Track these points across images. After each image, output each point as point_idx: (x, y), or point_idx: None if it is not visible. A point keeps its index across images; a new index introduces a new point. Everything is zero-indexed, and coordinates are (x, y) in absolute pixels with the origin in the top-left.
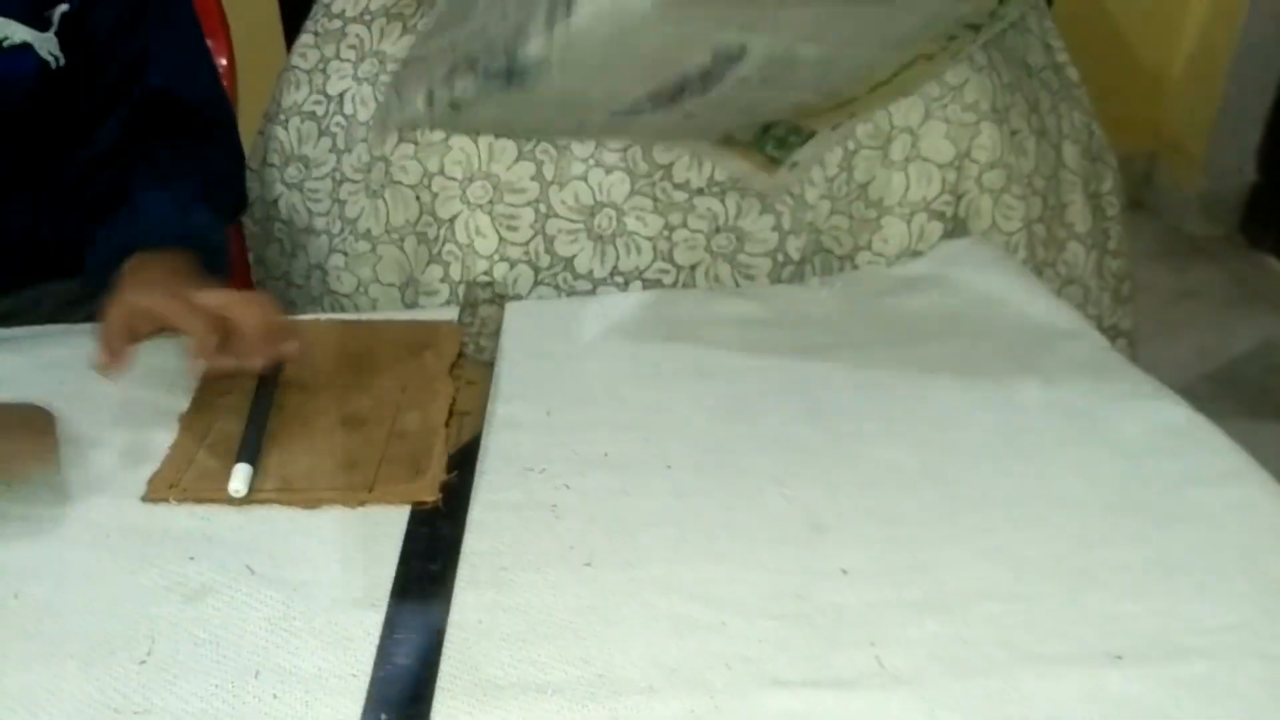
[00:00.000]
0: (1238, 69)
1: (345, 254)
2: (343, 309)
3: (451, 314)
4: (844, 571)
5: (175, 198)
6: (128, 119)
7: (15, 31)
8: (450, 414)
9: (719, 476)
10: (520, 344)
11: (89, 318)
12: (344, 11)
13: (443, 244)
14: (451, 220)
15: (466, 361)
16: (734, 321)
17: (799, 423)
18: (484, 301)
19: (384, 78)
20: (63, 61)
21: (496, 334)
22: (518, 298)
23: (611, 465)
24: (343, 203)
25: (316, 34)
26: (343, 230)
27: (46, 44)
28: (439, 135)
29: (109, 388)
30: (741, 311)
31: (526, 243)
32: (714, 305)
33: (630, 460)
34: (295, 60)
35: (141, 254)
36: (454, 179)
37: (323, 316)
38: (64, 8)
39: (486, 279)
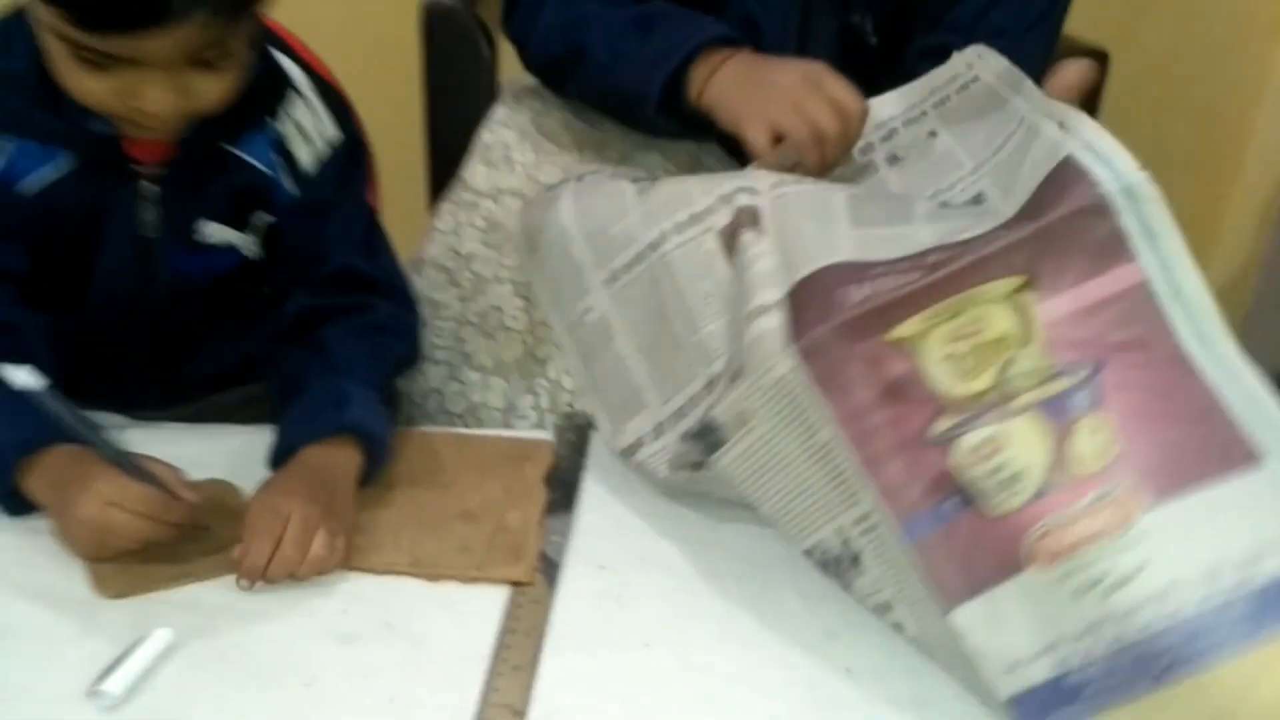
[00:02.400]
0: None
1: (460, 382)
2: (453, 426)
3: (546, 435)
4: (849, 671)
5: (344, 390)
6: (312, 294)
7: (225, 235)
8: (543, 514)
9: (754, 584)
10: (600, 463)
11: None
12: (479, 188)
13: (536, 378)
14: (545, 361)
15: (557, 473)
16: None
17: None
18: (571, 427)
19: (507, 248)
20: (261, 256)
21: (581, 453)
22: (581, 415)
23: (668, 568)
24: (462, 340)
25: (455, 203)
26: (459, 363)
27: (248, 244)
28: (545, 292)
29: None
30: None
31: None
32: None
33: (683, 565)
34: (436, 223)
35: (307, 448)
36: (551, 326)
37: (440, 430)
38: (267, 218)
39: (568, 408)
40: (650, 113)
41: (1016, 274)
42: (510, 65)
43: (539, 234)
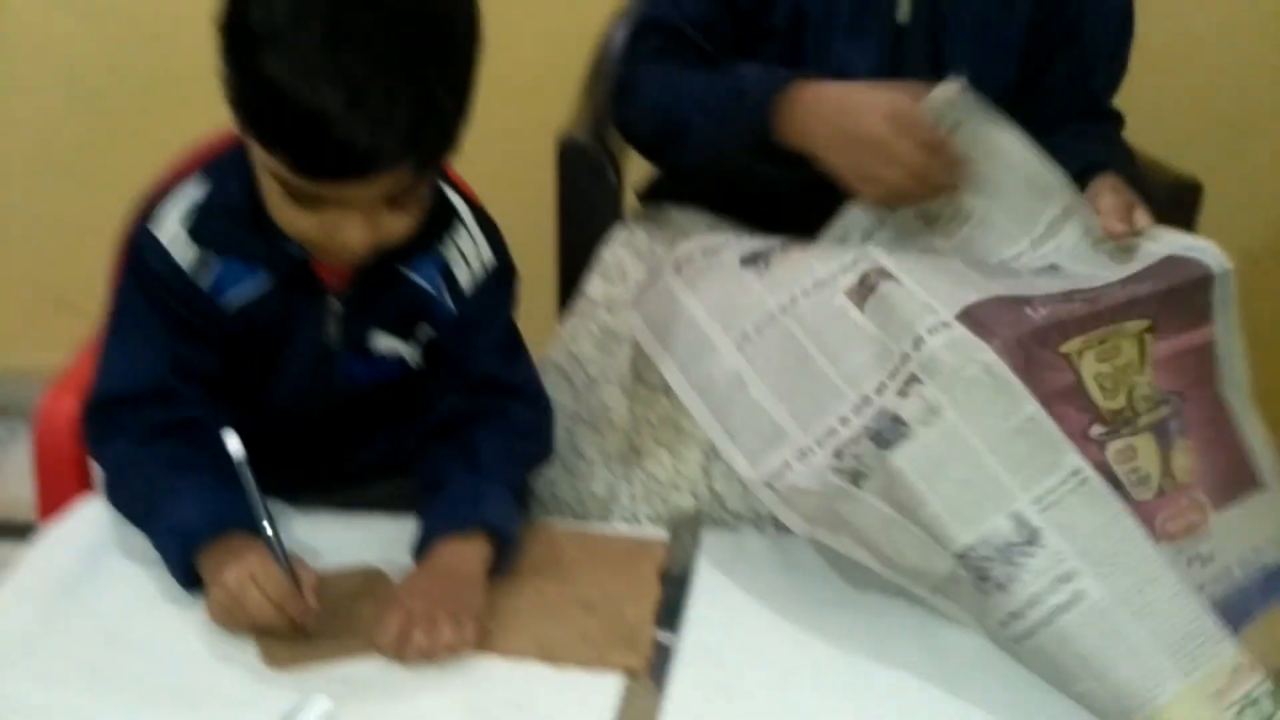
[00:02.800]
0: None
1: (571, 472)
2: (562, 512)
3: (661, 533)
4: None
5: (481, 488)
6: (460, 397)
7: (394, 346)
8: (657, 607)
9: (846, 686)
10: (711, 558)
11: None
12: (596, 299)
13: (634, 469)
14: (643, 454)
15: (670, 569)
16: None
17: (914, 655)
18: (683, 525)
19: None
20: (421, 365)
21: (692, 549)
22: (695, 519)
23: (776, 662)
24: (573, 434)
25: (575, 312)
26: (570, 455)
27: (413, 354)
28: (644, 390)
29: None
30: None
31: (692, 480)
32: None
33: (791, 658)
34: (560, 330)
35: (443, 541)
36: (651, 424)
37: (563, 524)
38: (429, 332)
39: (661, 503)
40: (759, 154)
41: (1146, 318)
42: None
43: (664, 321)
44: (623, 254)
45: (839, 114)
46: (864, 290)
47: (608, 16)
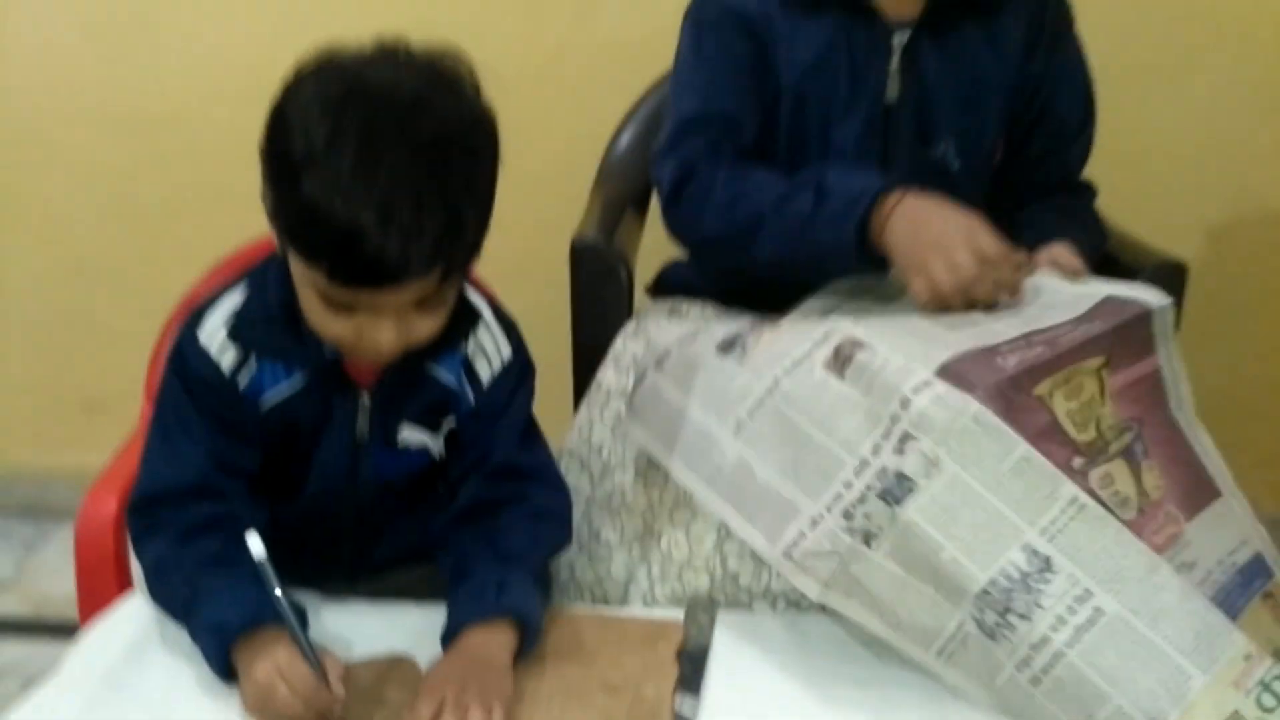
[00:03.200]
0: None
1: (590, 556)
2: (582, 594)
3: (676, 615)
4: None
5: (504, 576)
6: (481, 485)
7: (420, 438)
8: (675, 686)
9: None
10: (725, 640)
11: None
12: (609, 388)
13: (651, 550)
14: (659, 535)
15: (687, 646)
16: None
17: None
18: (700, 604)
19: (632, 436)
20: (443, 455)
21: (709, 630)
22: (711, 598)
23: None
24: (591, 519)
25: (589, 401)
26: (589, 539)
27: (436, 444)
28: (657, 474)
29: None
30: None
31: (707, 559)
32: None
33: None
34: (575, 419)
35: (470, 629)
36: (666, 506)
37: (584, 609)
38: (452, 424)
39: (678, 582)
40: (847, 256)
41: (1101, 354)
42: (642, 292)
43: (662, 424)
44: (635, 346)
45: (921, 221)
46: (841, 361)
47: (614, 122)
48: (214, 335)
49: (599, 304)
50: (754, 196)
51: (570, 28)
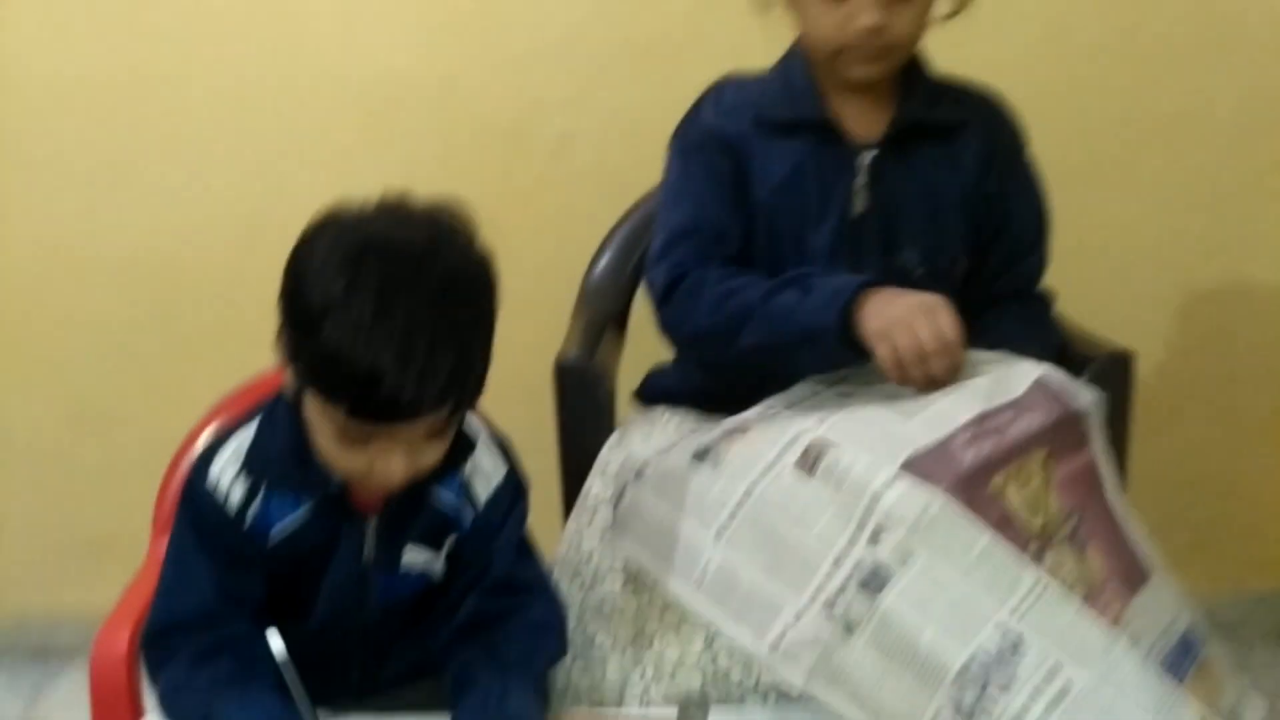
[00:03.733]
0: None
1: (585, 661)
2: (579, 698)
3: (672, 712)
4: None
5: (505, 686)
6: (480, 599)
7: (423, 559)
8: None
9: None
10: None
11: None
12: (597, 497)
13: (644, 652)
14: (651, 636)
15: None
16: None
17: None
18: (693, 702)
19: (618, 540)
20: (445, 574)
21: None
22: (704, 696)
23: None
24: (583, 624)
25: (578, 511)
26: (583, 644)
27: (438, 564)
28: (647, 579)
29: None
30: None
31: (698, 658)
32: None
33: None
34: (565, 529)
35: None
36: (656, 609)
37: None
38: (453, 539)
39: (672, 682)
40: (829, 340)
41: (1044, 447)
42: (624, 401)
43: (648, 538)
44: (619, 455)
45: (892, 298)
46: (811, 460)
47: (593, 248)
48: (224, 471)
49: (583, 419)
50: (743, 292)
51: (549, 161)
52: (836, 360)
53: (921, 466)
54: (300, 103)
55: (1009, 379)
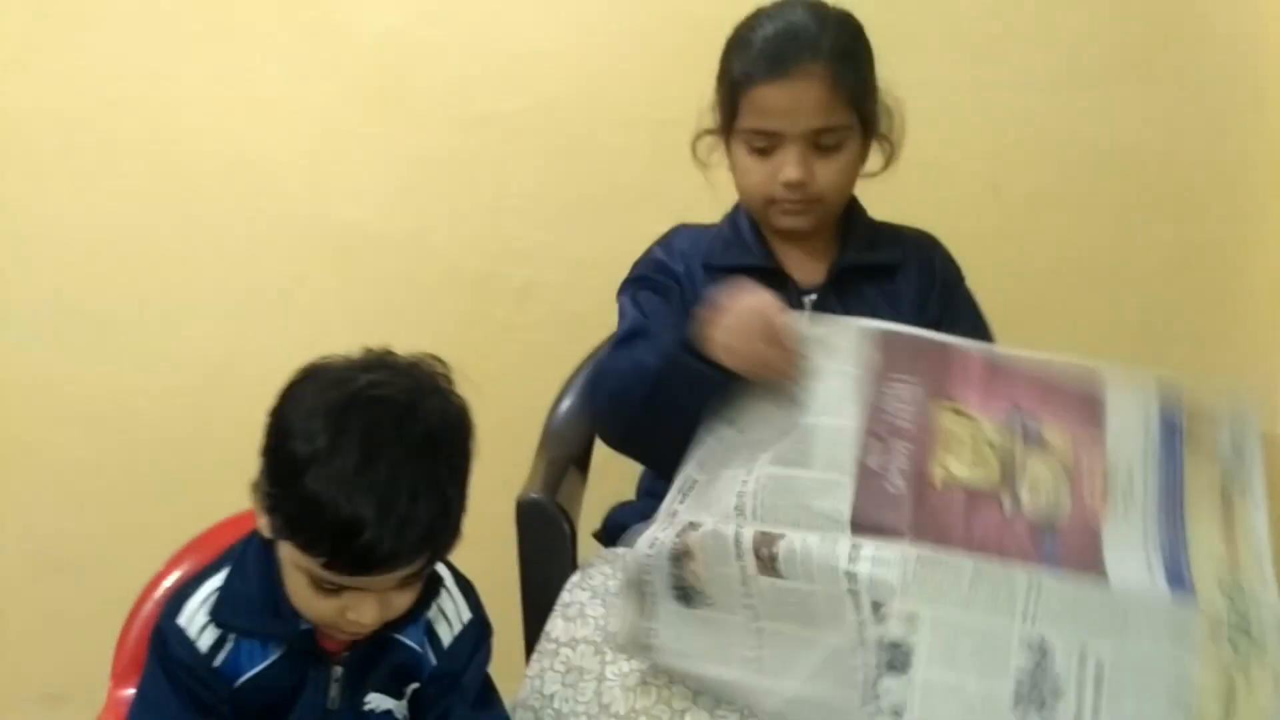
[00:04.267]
0: None
1: None
2: None
3: None
4: None
5: None
6: None
7: (386, 703)
8: None
9: None
10: None
11: None
12: (558, 639)
13: None
14: None
15: None
16: None
17: None
18: None
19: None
20: (407, 718)
21: None
22: None
23: None
24: None
25: (540, 652)
26: None
27: (401, 709)
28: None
29: None
30: None
31: None
32: None
33: None
34: (526, 671)
35: None
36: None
37: None
38: (415, 685)
39: None
40: (691, 369)
41: (932, 392)
42: (585, 543)
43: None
44: (581, 595)
45: (727, 312)
46: (767, 562)
47: (554, 391)
48: (193, 618)
49: (545, 555)
50: (636, 350)
51: (513, 308)
52: (708, 383)
53: (869, 516)
54: (271, 252)
55: (837, 351)
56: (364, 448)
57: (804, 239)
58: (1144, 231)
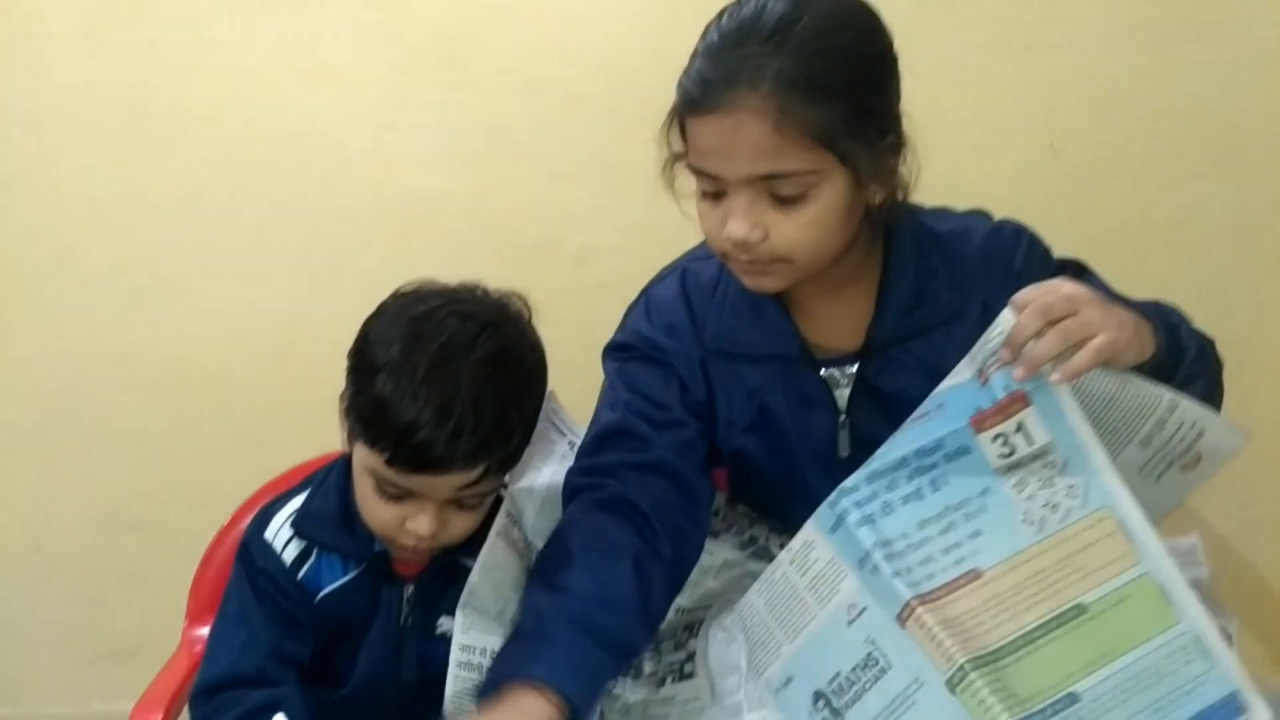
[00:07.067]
0: None
1: None
2: None
3: None
4: None
5: None
6: None
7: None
8: None
9: None
10: None
11: None
12: None
13: None
14: None
15: None
16: None
17: None
18: None
19: None
20: None
21: None
22: None
23: None
24: None
25: None
26: None
27: None
28: None
29: None
30: None
31: None
32: None
33: None
34: None
35: None
36: None
37: None
38: None
39: None
40: None
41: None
42: None
43: None
44: None
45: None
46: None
47: None
48: (279, 532)
49: None
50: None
51: (569, 273)
52: None
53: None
54: (335, 219)
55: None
56: (432, 360)
57: (824, 292)
58: (1205, 193)
